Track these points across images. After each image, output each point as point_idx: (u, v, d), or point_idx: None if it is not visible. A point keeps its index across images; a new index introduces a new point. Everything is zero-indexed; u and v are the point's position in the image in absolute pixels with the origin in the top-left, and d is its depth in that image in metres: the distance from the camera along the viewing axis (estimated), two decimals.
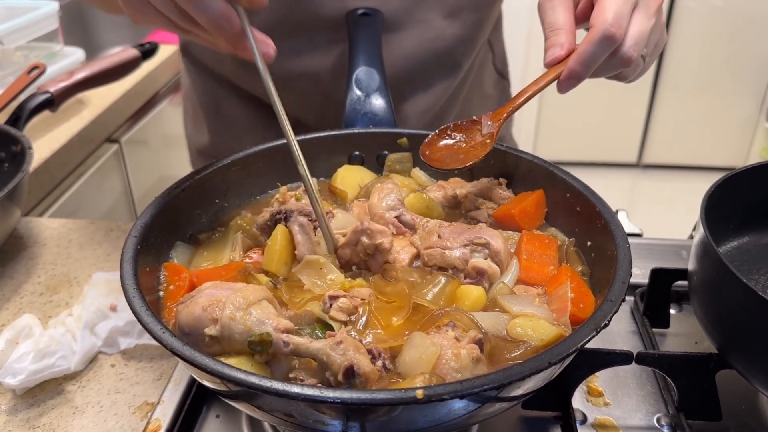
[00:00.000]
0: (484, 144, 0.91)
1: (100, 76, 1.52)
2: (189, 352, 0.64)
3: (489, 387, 0.59)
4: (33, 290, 1.16)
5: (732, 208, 0.95)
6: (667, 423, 0.87)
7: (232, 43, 0.80)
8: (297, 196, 0.95)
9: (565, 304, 0.77)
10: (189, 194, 0.93)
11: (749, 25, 3.93)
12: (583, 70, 0.84)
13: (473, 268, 0.82)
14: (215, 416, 0.89)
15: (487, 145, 0.91)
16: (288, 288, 0.81)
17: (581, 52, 0.83)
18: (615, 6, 0.82)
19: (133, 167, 2.10)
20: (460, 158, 0.91)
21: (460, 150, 0.92)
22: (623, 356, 0.83)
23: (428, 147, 0.94)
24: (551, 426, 0.87)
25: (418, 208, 0.96)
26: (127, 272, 0.75)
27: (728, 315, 0.79)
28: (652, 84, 4.17)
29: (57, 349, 0.95)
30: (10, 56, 1.83)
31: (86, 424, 0.90)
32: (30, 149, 1.21)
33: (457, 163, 0.91)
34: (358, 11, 1.17)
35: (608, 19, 0.81)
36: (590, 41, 0.82)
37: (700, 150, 4.33)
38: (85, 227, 1.32)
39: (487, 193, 0.98)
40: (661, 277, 1.00)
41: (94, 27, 2.74)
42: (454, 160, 0.92)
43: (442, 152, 0.93)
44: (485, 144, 0.91)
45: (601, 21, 0.81)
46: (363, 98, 1.10)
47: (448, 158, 0.92)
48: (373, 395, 0.59)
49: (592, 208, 0.86)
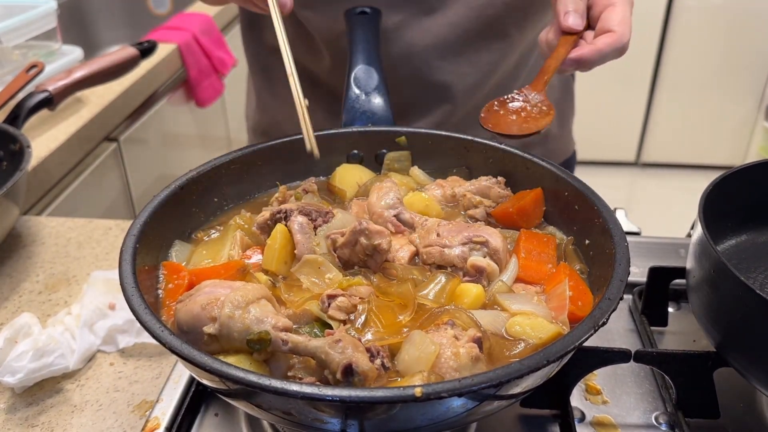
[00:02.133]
0: (544, 112, 0.90)
1: (98, 75, 1.52)
2: (188, 350, 0.64)
3: (487, 385, 0.60)
4: (32, 289, 1.16)
5: (730, 207, 0.95)
6: (665, 421, 0.88)
7: None
8: (297, 195, 0.95)
9: (563, 303, 0.77)
10: (188, 193, 0.93)
11: (748, 23, 3.94)
12: (593, 63, 0.88)
13: (472, 266, 0.82)
14: (214, 414, 0.89)
15: (547, 113, 0.89)
16: (287, 287, 0.81)
17: (600, 50, 0.87)
18: (628, 14, 0.89)
19: (132, 166, 2.10)
20: (522, 126, 0.90)
21: (521, 119, 0.90)
22: (621, 354, 0.83)
23: (488, 116, 0.92)
24: (550, 424, 0.87)
25: (417, 207, 0.96)
26: (125, 271, 0.75)
27: (726, 313, 0.80)
28: (651, 82, 4.17)
29: (56, 347, 0.95)
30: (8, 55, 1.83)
31: (85, 423, 0.90)
32: (28, 148, 1.21)
33: (520, 130, 0.89)
34: (356, 10, 1.17)
35: (627, 31, 0.87)
36: (611, 45, 0.87)
37: (699, 148, 4.33)
38: (84, 226, 1.33)
39: (486, 192, 0.98)
40: (659, 275, 1.00)
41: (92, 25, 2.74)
42: (518, 127, 0.90)
43: (502, 120, 0.91)
44: (546, 112, 0.90)
45: (622, 31, 0.87)
46: (362, 97, 1.11)
47: (511, 125, 0.90)
48: (372, 393, 0.59)
49: (590, 207, 0.86)
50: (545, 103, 0.90)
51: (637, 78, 4.16)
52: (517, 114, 0.90)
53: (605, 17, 0.89)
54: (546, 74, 0.90)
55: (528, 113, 0.90)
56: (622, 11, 0.89)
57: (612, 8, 0.90)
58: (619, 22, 0.88)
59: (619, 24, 0.88)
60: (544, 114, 0.89)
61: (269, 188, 1.04)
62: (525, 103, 0.91)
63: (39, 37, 1.89)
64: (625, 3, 0.90)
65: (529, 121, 0.89)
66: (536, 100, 0.90)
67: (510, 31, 1.26)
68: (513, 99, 0.91)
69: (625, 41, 0.88)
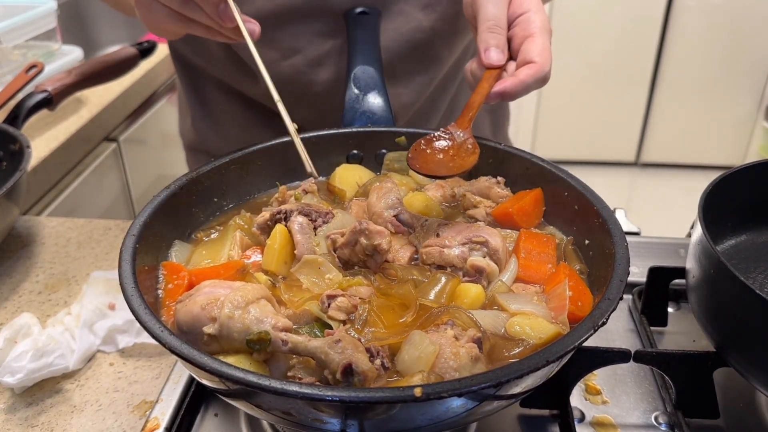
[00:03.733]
0: (470, 151, 0.91)
1: (98, 75, 1.52)
2: (187, 350, 0.64)
3: (487, 385, 0.60)
4: (31, 289, 1.16)
5: (730, 207, 0.95)
6: (665, 421, 0.88)
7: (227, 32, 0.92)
8: (296, 195, 0.95)
9: (563, 303, 0.77)
10: (187, 193, 0.93)
11: (747, 23, 3.94)
12: (517, 95, 0.90)
13: (472, 266, 0.82)
14: (214, 415, 0.89)
15: (473, 152, 0.91)
16: (287, 287, 0.81)
17: (523, 81, 0.89)
18: (548, 44, 0.92)
19: (132, 166, 2.10)
20: (449, 166, 0.91)
21: (448, 158, 0.92)
22: (621, 354, 0.83)
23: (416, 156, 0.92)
24: (549, 424, 0.87)
25: (416, 207, 0.96)
26: (125, 271, 0.75)
27: (726, 313, 0.80)
28: (651, 83, 4.17)
29: (55, 347, 0.95)
30: (8, 55, 1.83)
31: (85, 423, 0.90)
32: (28, 148, 1.21)
33: (448, 170, 0.91)
34: (356, 10, 1.17)
35: (548, 61, 0.90)
36: (533, 76, 0.89)
37: (698, 149, 4.34)
38: (84, 226, 1.33)
39: (486, 192, 0.98)
40: (658, 275, 1.00)
41: (92, 26, 2.74)
42: (444, 167, 0.91)
43: (430, 160, 0.92)
44: (471, 151, 0.91)
45: (542, 61, 0.90)
46: (361, 97, 1.11)
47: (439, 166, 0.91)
48: (372, 393, 0.59)
49: (590, 207, 0.86)
50: (470, 141, 0.91)
51: (637, 78, 4.17)
52: (444, 153, 0.91)
53: (525, 49, 0.91)
54: (471, 110, 0.92)
55: (455, 152, 0.91)
56: (542, 42, 0.91)
57: (531, 39, 0.92)
58: (539, 53, 0.90)
59: (539, 54, 0.90)
60: (469, 153, 0.91)
61: (269, 188, 1.04)
62: (451, 141, 0.92)
63: (39, 37, 1.89)
64: (543, 32, 0.92)
65: (455, 159, 0.90)
66: (462, 138, 0.92)
67: (440, 53, 1.30)
68: (439, 138, 0.92)
69: (546, 70, 0.90)
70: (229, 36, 0.93)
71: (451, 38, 1.29)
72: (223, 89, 1.38)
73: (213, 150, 1.42)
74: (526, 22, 0.93)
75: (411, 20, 1.23)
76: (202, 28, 0.93)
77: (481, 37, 0.94)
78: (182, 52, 1.40)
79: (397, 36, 1.24)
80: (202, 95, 1.42)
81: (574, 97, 4.22)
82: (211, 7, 0.88)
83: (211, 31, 0.94)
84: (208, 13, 0.89)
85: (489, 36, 0.93)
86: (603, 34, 3.98)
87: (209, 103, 1.42)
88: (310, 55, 1.23)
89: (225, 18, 0.89)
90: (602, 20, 3.95)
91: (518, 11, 0.94)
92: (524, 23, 0.93)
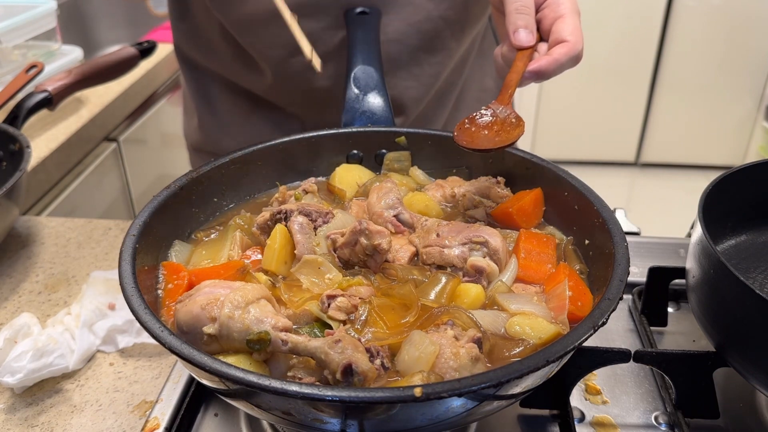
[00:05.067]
0: (514, 124, 0.91)
1: (98, 75, 1.52)
2: (187, 350, 0.64)
3: (487, 385, 0.60)
4: (31, 289, 1.16)
5: (730, 207, 0.95)
6: (665, 421, 0.88)
7: None
8: (296, 195, 0.95)
9: (563, 303, 0.77)
10: (187, 193, 0.93)
11: (747, 24, 3.94)
12: (552, 74, 0.91)
13: (472, 266, 0.82)
14: (214, 414, 0.89)
15: (517, 125, 0.90)
16: (287, 287, 0.81)
17: (557, 60, 0.89)
18: (578, 23, 0.92)
19: (132, 166, 2.10)
20: (495, 140, 0.90)
21: (493, 133, 0.91)
22: (621, 354, 0.83)
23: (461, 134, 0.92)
24: (549, 424, 0.87)
25: (416, 207, 0.96)
26: (125, 271, 0.75)
27: (726, 313, 0.80)
28: (650, 83, 4.17)
29: (55, 347, 0.95)
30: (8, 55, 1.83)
31: (85, 423, 0.90)
32: (28, 148, 1.21)
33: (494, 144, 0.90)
34: (356, 10, 1.17)
35: (580, 40, 0.90)
36: (567, 54, 0.89)
37: (698, 149, 4.34)
38: (84, 226, 1.33)
39: (486, 192, 0.98)
40: (658, 275, 1.00)
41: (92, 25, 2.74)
42: (490, 141, 0.90)
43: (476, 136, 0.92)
44: (516, 124, 0.90)
45: (575, 39, 0.90)
46: (361, 97, 1.11)
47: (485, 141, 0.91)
48: (372, 393, 0.59)
49: (590, 207, 0.86)
50: (513, 116, 0.91)
51: (636, 78, 4.17)
52: (489, 129, 0.91)
53: (557, 29, 0.92)
54: (509, 88, 0.92)
55: (499, 127, 0.91)
56: (572, 21, 0.92)
57: (562, 19, 0.92)
58: (571, 32, 0.90)
59: (571, 33, 0.90)
60: (514, 126, 0.90)
61: (269, 188, 1.04)
62: (494, 117, 0.92)
63: (39, 37, 1.89)
64: (573, 13, 0.93)
65: (501, 134, 0.90)
66: (505, 113, 0.92)
67: (449, 44, 1.30)
68: (482, 115, 0.92)
69: (579, 49, 0.90)
70: None
71: (460, 28, 1.29)
72: (229, 89, 1.38)
73: (219, 151, 1.42)
74: (556, 3, 0.93)
75: (420, 10, 1.24)
76: None
77: (509, 18, 0.93)
78: (187, 51, 1.40)
79: (406, 27, 1.24)
80: (208, 96, 1.42)
81: (574, 97, 4.22)
82: None
83: None
84: None
85: (517, 17, 0.93)
86: (603, 34, 3.98)
87: (215, 104, 1.41)
88: (317, 51, 1.23)
89: None
90: (602, 20, 3.95)
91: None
92: (554, 5, 0.93)
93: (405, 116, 1.33)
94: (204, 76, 1.40)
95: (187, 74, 1.44)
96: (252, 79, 1.31)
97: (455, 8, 1.25)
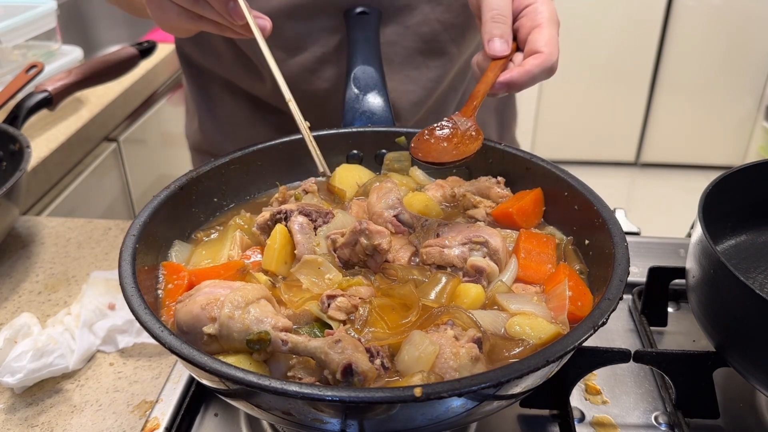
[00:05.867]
0: (473, 137, 0.90)
1: (98, 75, 1.52)
2: (187, 350, 0.64)
3: (487, 385, 0.60)
4: (31, 289, 1.16)
5: (730, 207, 0.95)
6: (664, 421, 0.88)
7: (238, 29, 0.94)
8: (297, 195, 0.95)
9: (563, 303, 0.77)
10: (187, 193, 0.93)
11: (747, 24, 3.94)
12: (523, 85, 0.89)
13: (472, 266, 0.82)
14: (214, 414, 0.89)
15: (476, 138, 0.90)
16: (287, 287, 0.81)
17: (529, 71, 0.88)
18: (555, 34, 0.90)
19: (132, 166, 2.10)
20: (452, 153, 0.90)
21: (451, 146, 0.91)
22: (621, 354, 0.83)
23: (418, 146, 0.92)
24: (549, 424, 0.87)
25: (416, 207, 0.96)
26: (125, 271, 0.75)
27: (726, 313, 0.80)
28: (650, 83, 4.17)
29: (55, 347, 0.95)
30: (8, 55, 1.83)
31: (85, 423, 0.90)
32: (28, 148, 1.21)
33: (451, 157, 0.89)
34: (355, 10, 1.17)
35: (555, 51, 0.89)
36: (540, 66, 0.88)
37: (698, 149, 4.34)
38: (84, 226, 1.33)
39: (486, 192, 0.98)
40: (658, 275, 1.00)
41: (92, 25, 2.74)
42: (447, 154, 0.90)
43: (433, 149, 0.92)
44: (475, 137, 0.90)
45: (550, 51, 0.88)
46: (361, 97, 1.11)
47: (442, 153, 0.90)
48: (372, 393, 0.59)
49: (590, 207, 0.86)
50: (474, 129, 0.90)
51: (636, 78, 4.17)
52: (448, 141, 0.91)
53: (532, 39, 0.90)
54: (475, 99, 0.91)
55: (458, 140, 0.90)
56: (549, 32, 0.90)
57: (538, 29, 0.91)
58: (546, 43, 0.89)
59: (546, 44, 0.89)
60: (473, 139, 0.90)
61: (269, 188, 1.04)
62: (454, 129, 0.91)
63: (39, 37, 1.89)
64: (551, 23, 0.91)
65: (459, 147, 0.89)
66: (465, 126, 0.91)
67: (448, 49, 1.29)
68: (442, 127, 0.92)
69: (553, 60, 0.88)
70: (240, 32, 0.94)
71: (459, 32, 1.28)
72: (230, 90, 1.38)
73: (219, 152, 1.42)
74: (534, 12, 0.92)
75: (417, 13, 1.23)
76: (213, 25, 0.94)
77: (485, 27, 0.93)
78: (189, 53, 1.40)
79: (402, 30, 1.24)
80: (209, 97, 1.42)
81: (574, 97, 4.22)
82: (221, 5, 0.89)
83: (221, 28, 0.94)
84: (219, 10, 0.90)
85: (492, 26, 0.92)
86: (603, 34, 3.98)
87: (216, 105, 1.42)
88: (316, 53, 1.23)
89: (235, 15, 0.90)
90: (602, 20, 3.95)
91: (525, 2, 0.93)
92: (531, 14, 0.92)
93: (403, 121, 1.32)
94: (205, 77, 1.41)
95: (189, 75, 1.44)
96: (252, 81, 1.31)
97: (453, 12, 1.25)
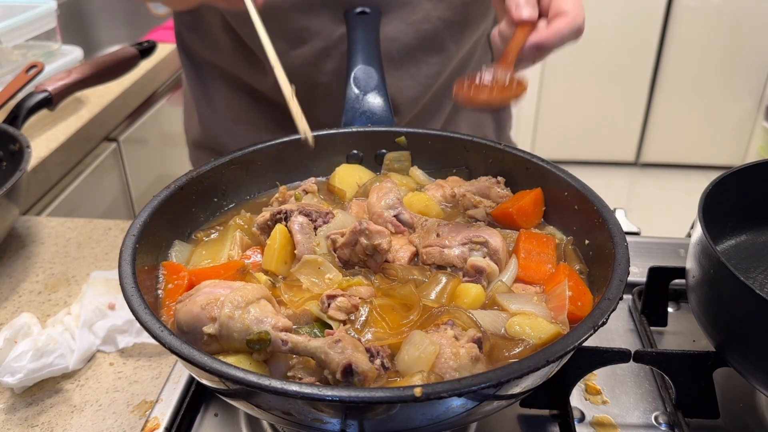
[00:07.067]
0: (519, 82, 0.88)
1: (98, 75, 1.52)
2: (187, 350, 0.64)
3: (487, 385, 0.60)
4: (31, 289, 1.16)
5: (730, 207, 0.95)
6: (665, 421, 0.88)
7: None
8: (297, 195, 0.95)
9: (563, 303, 0.77)
10: (187, 193, 0.93)
11: (747, 23, 3.94)
12: (552, 46, 0.88)
13: (472, 266, 0.82)
14: (214, 414, 0.89)
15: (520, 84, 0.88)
16: (287, 287, 0.81)
17: (559, 32, 0.87)
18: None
19: (132, 166, 2.10)
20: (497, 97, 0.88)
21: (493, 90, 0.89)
22: (621, 354, 0.83)
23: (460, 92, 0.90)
24: (549, 424, 0.87)
25: (416, 207, 0.96)
26: (125, 271, 0.75)
27: (726, 313, 0.80)
28: (650, 82, 4.17)
29: (55, 347, 0.95)
30: (8, 55, 1.83)
31: (85, 423, 0.90)
32: (28, 148, 1.21)
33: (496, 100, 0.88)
34: (355, 10, 1.17)
35: (581, 12, 0.88)
36: (569, 26, 0.87)
37: (698, 148, 4.34)
38: (84, 226, 1.33)
39: (486, 192, 0.98)
40: (658, 275, 1.00)
41: (92, 25, 2.74)
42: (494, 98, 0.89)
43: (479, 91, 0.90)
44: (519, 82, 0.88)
45: (576, 12, 0.88)
46: (361, 97, 1.11)
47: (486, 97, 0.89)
48: (372, 393, 0.59)
49: (590, 207, 0.86)
50: (515, 77, 0.89)
51: (636, 78, 4.17)
52: (489, 89, 0.89)
53: (556, 2, 0.90)
54: (511, 53, 0.89)
55: (499, 86, 0.89)
56: None
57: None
58: (571, 5, 0.88)
59: (572, 6, 0.88)
60: (518, 83, 0.88)
61: (269, 188, 1.04)
62: (494, 78, 0.90)
63: (39, 37, 1.89)
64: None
65: (503, 92, 0.88)
66: (506, 74, 0.90)
67: (447, 46, 1.29)
68: (483, 74, 0.90)
69: (580, 21, 0.88)
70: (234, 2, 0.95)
71: (459, 29, 1.29)
72: (230, 84, 1.38)
73: (218, 147, 1.42)
74: None
75: (419, 10, 1.23)
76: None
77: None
78: (189, 43, 1.39)
79: (404, 26, 1.24)
80: (208, 90, 1.42)
81: (574, 97, 4.22)
82: None
83: None
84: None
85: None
86: (603, 34, 3.98)
87: (216, 99, 1.41)
88: (318, 46, 1.22)
89: None
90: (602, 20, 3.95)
91: None
92: None
93: (401, 116, 1.33)
94: (205, 69, 1.40)
95: (189, 68, 1.44)
96: (252, 74, 1.31)
97: (454, 9, 1.25)
